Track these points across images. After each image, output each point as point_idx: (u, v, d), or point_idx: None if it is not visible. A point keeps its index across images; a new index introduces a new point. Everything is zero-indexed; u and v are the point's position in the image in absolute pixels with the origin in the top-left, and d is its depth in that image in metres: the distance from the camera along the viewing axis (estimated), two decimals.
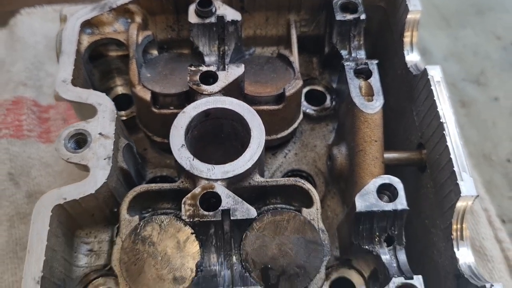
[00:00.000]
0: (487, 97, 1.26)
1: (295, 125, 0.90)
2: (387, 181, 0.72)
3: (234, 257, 0.71)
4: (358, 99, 0.80)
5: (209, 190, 0.71)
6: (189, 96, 0.82)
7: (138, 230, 0.71)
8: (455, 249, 0.73)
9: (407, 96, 0.88)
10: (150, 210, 0.77)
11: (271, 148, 0.93)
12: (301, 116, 0.91)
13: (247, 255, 0.70)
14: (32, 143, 1.17)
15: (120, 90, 0.98)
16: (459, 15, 1.40)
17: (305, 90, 0.98)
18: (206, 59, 0.87)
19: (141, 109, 0.87)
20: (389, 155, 0.83)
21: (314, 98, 0.98)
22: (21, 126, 1.17)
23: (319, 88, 0.99)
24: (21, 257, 1.06)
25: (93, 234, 0.79)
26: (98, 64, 0.92)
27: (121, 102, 0.94)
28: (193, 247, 0.71)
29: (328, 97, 0.98)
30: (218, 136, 0.83)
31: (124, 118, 0.94)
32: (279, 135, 0.89)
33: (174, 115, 0.80)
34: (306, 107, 0.96)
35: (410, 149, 0.85)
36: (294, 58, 0.89)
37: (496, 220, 1.09)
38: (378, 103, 0.79)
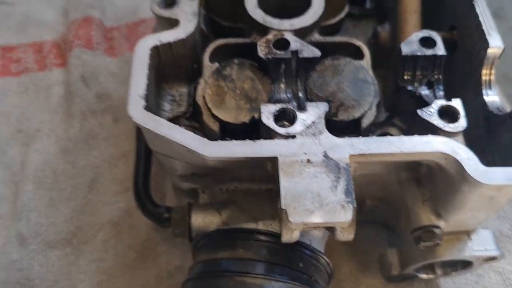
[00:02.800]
0: (505, 27, 1.40)
1: (342, 15, 1.04)
2: (426, 35, 0.86)
3: (300, 93, 0.85)
4: None
5: (279, 37, 0.85)
6: None
7: (220, 70, 0.85)
8: (485, 97, 0.87)
9: None
10: None
11: None
12: (346, 9, 1.06)
13: (311, 90, 0.84)
14: (100, 55, 1.32)
15: None
16: None
17: None
18: None
19: None
20: None
21: (356, 0, 1.12)
22: (91, 39, 1.32)
23: None
24: (91, 145, 1.20)
25: (175, 88, 0.93)
26: None
27: None
28: (266, 83, 0.85)
29: (368, 0, 1.12)
30: (280, 13, 0.96)
31: None
32: (329, 22, 1.03)
33: None
34: (350, 8, 1.10)
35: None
36: None
37: None
38: None
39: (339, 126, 0.84)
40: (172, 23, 0.88)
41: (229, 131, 0.84)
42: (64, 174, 1.17)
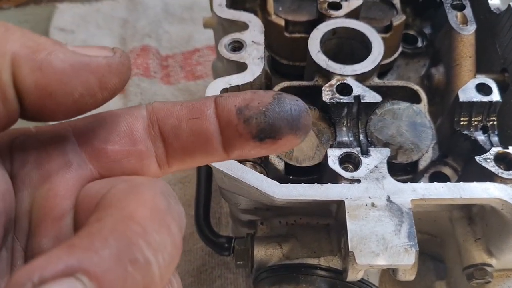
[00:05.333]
0: None
1: (396, 55, 1.09)
2: (482, 81, 0.91)
3: (361, 135, 0.90)
4: (455, 24, 0.98)
5: (342, 82, 0.90)
6: (315, 23, 1.02)
7: None
8: None
9: (489, 34, 1.06)
10: None
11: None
12: (400, 49, 1.10)
13: (371, 133, 0.89)
14: (157, 83, 1.39)
15: None
16: None
17: None
18: None
19: (274, 36, 1.06)
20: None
21: (408, 40, 1.17)
22: (148, 68, 1.39)
23: (412, 32, 1.18)
24: None
25: None
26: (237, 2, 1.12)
27: None
28: (326, 127, 0.90)
29: (420, 39, 1.17)
30: (336, 57, 1.02)
31: None
32: (384, 62, 1.07)
33: (302, 39, 1.01)
34: (402, 46, 1.15)
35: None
36: (397, 0, 1.09)
37: None
38: (471, 27, 0.98)
39: (397, 167, 0.88)
40: (240, 65, 0.93)
41: (292, 170, 0.89)
42: None
